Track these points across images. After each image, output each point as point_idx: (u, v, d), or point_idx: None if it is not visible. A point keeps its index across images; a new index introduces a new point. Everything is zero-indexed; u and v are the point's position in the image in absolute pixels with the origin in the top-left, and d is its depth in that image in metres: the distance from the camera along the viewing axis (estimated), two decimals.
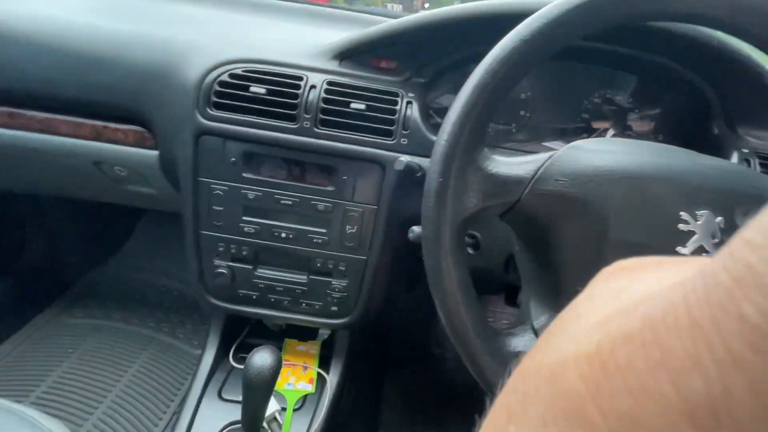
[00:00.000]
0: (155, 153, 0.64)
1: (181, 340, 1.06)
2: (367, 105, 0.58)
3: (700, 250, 0.33)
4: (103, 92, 0.61)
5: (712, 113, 0.60)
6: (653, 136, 0.67)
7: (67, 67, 0.60)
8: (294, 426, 0.64)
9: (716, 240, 0.33)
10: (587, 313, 0.11)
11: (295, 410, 0.66)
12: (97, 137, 0.64)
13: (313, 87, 0.58)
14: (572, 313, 0.11)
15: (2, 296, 1.02)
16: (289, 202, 0.60)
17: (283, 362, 0.73)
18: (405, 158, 0.43)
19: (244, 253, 0.63)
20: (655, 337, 0.08)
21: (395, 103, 0.58)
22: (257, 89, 0.57)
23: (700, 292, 0.08)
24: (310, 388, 0.70)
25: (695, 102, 0.61)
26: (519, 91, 0.67)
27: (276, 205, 0.60)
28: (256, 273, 0.65)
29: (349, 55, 0.61)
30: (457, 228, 0.35)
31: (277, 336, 0.78)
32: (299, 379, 0.71)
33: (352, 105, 0.57)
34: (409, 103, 0.59)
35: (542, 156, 0.36)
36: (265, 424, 0.62)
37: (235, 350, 0.75)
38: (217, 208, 0.61)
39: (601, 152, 0.35)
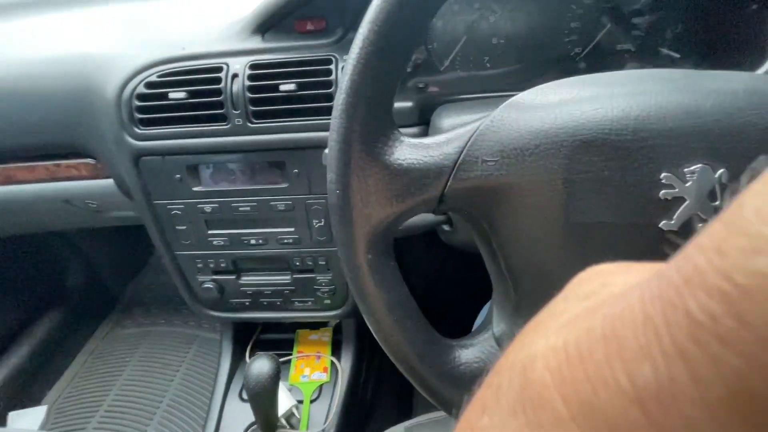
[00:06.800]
0: (110, 181, 0.62)
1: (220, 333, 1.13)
2: (298, 84, 0.49)
3: (694, 221, 0.24)
4: (36, 132, 0.58)
5: None
6: (668, 34, 0.52)
7: None
8: (313, 417, 0.66)
9: (716, 203, 0.24)
10: (560, 312, 0.11)
11: (312, 401, 0.68)
12: (54, 177, 0.62)
13: (235, 76, 0.50)
14: (547, 313, 0.12)
15: (60, 321, 1.13)
16: (248, 208, 0.56)
17: (296, 354, 0.74)
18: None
19: (222, 265, 0.62)
20: (613, 330, 0.09)
21: (329, 72, 0.49)
22: (176, 94, 0.51)
23: (654, 290, 0.08)
24: (325, 377, 0.70)
25: None
26: (486, 14, 0.54)
27: (236, 213, 0.56)
28: (241, 282, 0.63)
29: (270, 24, 0.52)
30: (373, 244, 0.28)
31: (290, 328, 0.78)
32: (314, 370, 0.71)
33: (282, 87, 0.50)
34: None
35: (467, 129, 0.27)
36: (283, 420, 0.64)
37: (252, 348, 0.77)
38: (180, 227, 0.58)
39: (548, 107, 0.26)
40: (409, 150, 0.28)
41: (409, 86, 0.54)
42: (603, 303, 0.10)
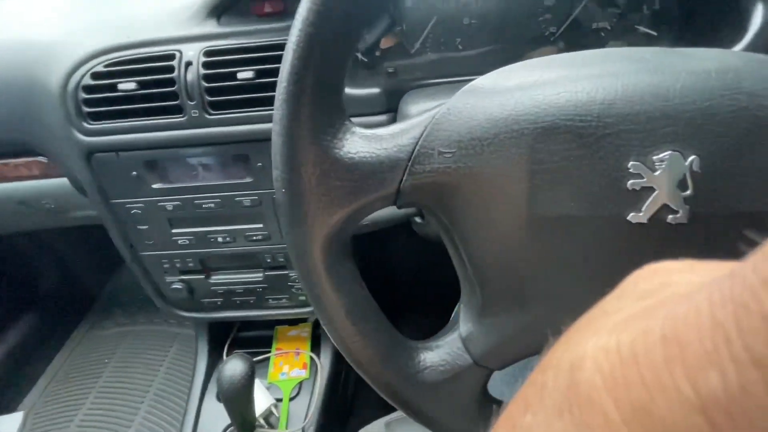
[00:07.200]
0: (65, 180, 0.58)
1: None
2: (256, 71, 0.46)
3: (663, 212, 0.22)
4: None
5: None
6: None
7: None
8: (292, 415, 0.64)
9: (688, 193, 0.22)
10: (613, 311, 0.11)
11: (291, 399, 0.66)
12: (4, 178, 0.58)
13: (189, 64, 0.47)
14: (599, 311, 0.11)
15: (35, 325, 1.09)
16: (212, 205, 0.53)
17: (275, 351, 0.73)
18: None
19: (190, 264, 0.59)
20: (674, 333, 0.08)
21: None
22: (126, 85, 0.47)
23: (725, 291, 0.08)
24: (305, 374, 0.69)
25: None
26: None
27: (200, 210, 0.54)
28: (211, 281, 0.61)
29: (226, 7, 0.49)
30: (327, 244, 0.26)
31: (268, 325, 0.76)
32: (293, 367, 0.70)
33: (239, 75, 0.46)
34: None
35: (423, 119, 0.25)
36: (261, 420, 0.63)
37: (229, 346, 0.75)
38: (141, 227, 0.55)
39: (507, 92, 0.24)
40: (362, 142, 0.25)
41: (378, 71, 0.51)
42: (663, 303, 0.09)
